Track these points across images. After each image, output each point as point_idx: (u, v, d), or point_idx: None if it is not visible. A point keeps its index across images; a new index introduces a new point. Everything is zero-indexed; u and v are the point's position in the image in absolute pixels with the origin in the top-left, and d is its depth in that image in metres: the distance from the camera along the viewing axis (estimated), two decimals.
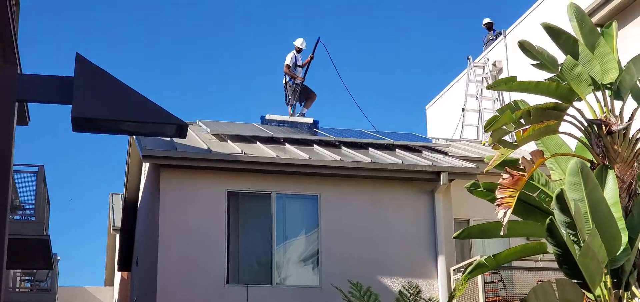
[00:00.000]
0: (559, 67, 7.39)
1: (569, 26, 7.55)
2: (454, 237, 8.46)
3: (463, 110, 16.84)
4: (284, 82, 15.49)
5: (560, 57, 7.60)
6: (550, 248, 6.96)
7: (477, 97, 16.69)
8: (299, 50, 15.54)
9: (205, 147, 11.39)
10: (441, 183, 11.33)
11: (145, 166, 13.70)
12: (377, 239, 11.50)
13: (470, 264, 9.95)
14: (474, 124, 16.77)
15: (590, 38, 7.42)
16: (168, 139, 11.95)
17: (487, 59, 17.17)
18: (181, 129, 4.04)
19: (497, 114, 7.36)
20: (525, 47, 7.50)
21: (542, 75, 7.73)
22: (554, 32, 7.41)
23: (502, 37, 16.73)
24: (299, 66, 15.48)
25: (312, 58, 15.08)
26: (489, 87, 7.70)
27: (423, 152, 12.90)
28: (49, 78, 4.09)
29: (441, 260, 11.50)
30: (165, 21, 40.50)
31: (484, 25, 18.80)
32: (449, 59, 37.70)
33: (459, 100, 17.50)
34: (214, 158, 10.99)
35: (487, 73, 16.93)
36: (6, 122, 4.21)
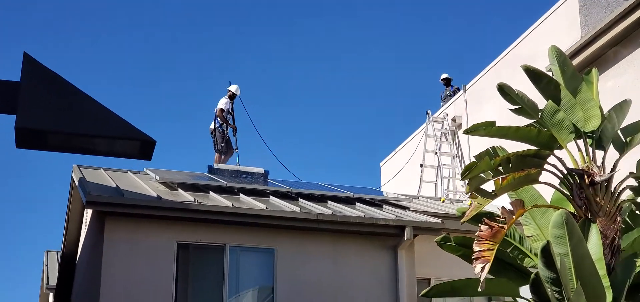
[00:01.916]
0: (540, 113, 6.99)
1: (525, 84, 7.21)
2: (422, 295, 7.90)
3: (421, 166, 16.43)
4: (211, 127, 14.89)
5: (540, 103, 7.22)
6: None
7: (436, 153, 16.33)
8: (232, 96, 15.03)
9: (155, 195, 10.60)
10: (405, 238, 10.77)
11: (87, 216, 12.76)
12: (336, 296, 10.81)
13: None
14: (432, 180, 16.37)
15: (572, 83, 7.05)
16: (113, 185, 11.13)
17: (446, 113, 16.90)
18: (147, 147, 3.33)
19: (474, 160, 6.90)
20: (505, 91, 7.08)
21: (515, 122, 7.32)
22: (534, 75, 7.02)
23: (461, 92, 16.50)
24: (230, 113, 14.96)
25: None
26: (466, 132, 7.23)
27: (384, 206, 12.36)
28: None
29: None
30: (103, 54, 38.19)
31: (442, 80, 18.62)
32: (402, 113, 37.08)
33: (416, 157, 17.10)
34: (164, 206, 10.20)
35: (446, 128, 16.63)
36: None
